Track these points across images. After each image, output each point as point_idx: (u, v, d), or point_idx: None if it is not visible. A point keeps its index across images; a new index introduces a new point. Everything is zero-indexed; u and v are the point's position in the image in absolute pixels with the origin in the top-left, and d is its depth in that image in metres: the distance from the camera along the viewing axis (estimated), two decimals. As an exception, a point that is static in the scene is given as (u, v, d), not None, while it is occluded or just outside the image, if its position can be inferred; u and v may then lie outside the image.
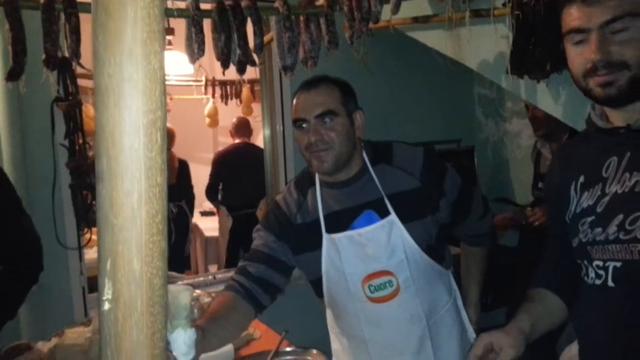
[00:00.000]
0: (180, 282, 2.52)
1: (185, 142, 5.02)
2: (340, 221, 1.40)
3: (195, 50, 1.80)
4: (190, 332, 0.95)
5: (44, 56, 1.56)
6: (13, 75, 1.50)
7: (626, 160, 0.96)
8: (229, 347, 1.78)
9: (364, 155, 1.42)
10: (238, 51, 1.83)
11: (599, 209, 0.98)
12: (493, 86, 3.60)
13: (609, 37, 0.92)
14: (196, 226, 4.70)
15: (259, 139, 4.58)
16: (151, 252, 0.41)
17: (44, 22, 1.50)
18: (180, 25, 1.93)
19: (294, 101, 1.39)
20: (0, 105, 2.27)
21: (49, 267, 2.18)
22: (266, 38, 2.21)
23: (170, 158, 4.05)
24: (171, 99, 4.91)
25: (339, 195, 1.41)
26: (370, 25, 2.01)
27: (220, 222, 4.28)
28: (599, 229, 0.98)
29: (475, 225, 1.58)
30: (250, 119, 4.83)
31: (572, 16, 0.96)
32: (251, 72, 3.40)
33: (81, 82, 2.37)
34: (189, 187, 4.26)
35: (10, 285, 1.62)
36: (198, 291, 2.16)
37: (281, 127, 3.18)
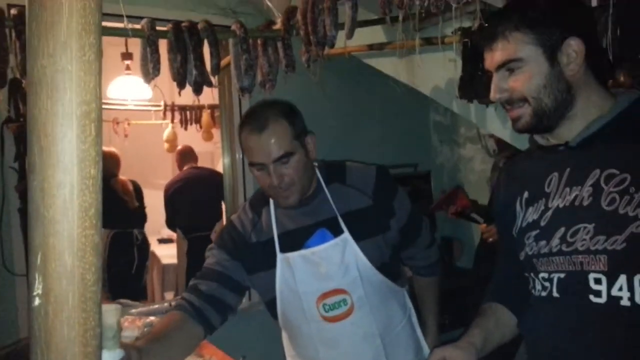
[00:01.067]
0: (134, 310, 2.43)
1: (143, 167, 4.93)
2: (294, 240, 1.39)
3: (150, 70, 1.79)
4: (117, 353, 0.93)
5: (-9, 73, 1.53)
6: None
7: (566, 176, 1.00)
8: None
9: (318, 175, 1.44)
10: (194, 72, 1.83)
11: (542, 223, 1.02)
12: (447, 113, 3.71)
13: (505, 77, 1.00)
14: (153, 254, 4.58)
15: (220, 164, 4.56)
16: (83, 247, 0.40)
17: (-7, 38, 1.47)
18: (139, 50, 1.92)
19: (245, 142, 1.34)
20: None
21: (-6, 295, 2.08)
22: (224, 61, 2.23)
23: (122, 183, 3.97)
24: (129, 124, 4.84)
25: (293, 214, 1.41)
26: (327, 50, 2.05)
27: (177, 246, 4.20)
28: (543, 242, 1.01)
29: (424, 254, 1.61)
30: (210, 144, 4.79)
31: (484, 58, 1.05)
32: (211, 98, 3.39)
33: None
34: (144, 211, 4.18)
35: None
36: (152, 318, 2.09)
37: (241, 155, 3.14)
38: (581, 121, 1.00)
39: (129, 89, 4.11)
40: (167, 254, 4.55)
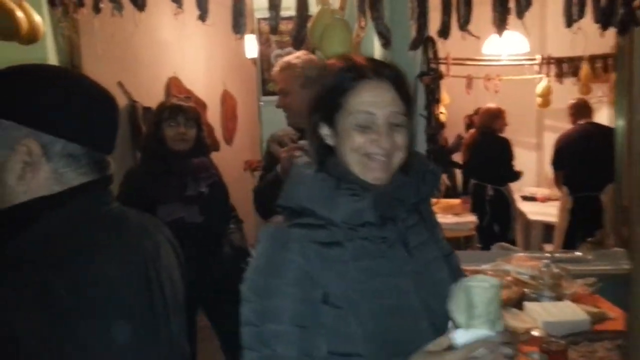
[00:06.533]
0: (516, 255, 2.53)
1: (510, 124, 4.96)
2: None
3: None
4: (472, 332, 0.82)
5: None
6: (415, 45, 1.78)
7: None
8: (584, 317, 1.79)
9: None
10: (621, 10, 1.72)
11: None
12: None
13: None
14: (519, 210, 4.61)
15: (599, 120, 4.19)
16: None
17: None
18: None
19: None
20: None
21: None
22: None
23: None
24: (500, 80, 4.91)
25: None
26: None
27: (561, 203, 4.08)
28: None
29: None
30: (587, 98, 4.46)
31: None
32: (591, 47, 3.06)
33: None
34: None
35: None
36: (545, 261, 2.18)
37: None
38: None
39: (504, 45, 4.16)
40: (531, 210, 4.56)
